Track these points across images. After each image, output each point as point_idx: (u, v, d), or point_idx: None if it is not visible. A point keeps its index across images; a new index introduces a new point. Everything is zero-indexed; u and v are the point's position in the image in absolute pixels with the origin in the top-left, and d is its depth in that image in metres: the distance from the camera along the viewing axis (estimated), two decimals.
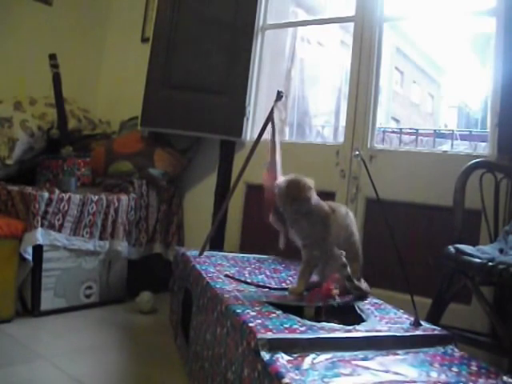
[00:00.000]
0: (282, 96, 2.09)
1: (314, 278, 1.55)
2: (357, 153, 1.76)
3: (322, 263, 1.51)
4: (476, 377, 0.99)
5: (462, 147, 4.76)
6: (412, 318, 1.30)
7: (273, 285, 1.67)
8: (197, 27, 2.69)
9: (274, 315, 1.26)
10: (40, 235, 2.13)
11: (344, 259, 1.43)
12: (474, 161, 1.83)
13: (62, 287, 2.26)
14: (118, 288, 2.51)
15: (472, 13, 2.49)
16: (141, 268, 2.62)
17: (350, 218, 1.60)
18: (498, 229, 1.82)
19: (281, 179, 1.57)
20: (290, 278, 1.73)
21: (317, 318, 1.37)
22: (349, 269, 1.44)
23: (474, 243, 1.75)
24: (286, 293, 1.52)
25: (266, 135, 2.05)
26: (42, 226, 2.14)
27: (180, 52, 2.72)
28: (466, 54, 11.69)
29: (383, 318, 1.34)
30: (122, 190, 2.58)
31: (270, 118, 2.02)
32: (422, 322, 1.28)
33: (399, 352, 1.10)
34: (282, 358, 1.00)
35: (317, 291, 1.47)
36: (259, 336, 1.05)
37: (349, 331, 1.18)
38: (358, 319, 1.34)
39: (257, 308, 1.31)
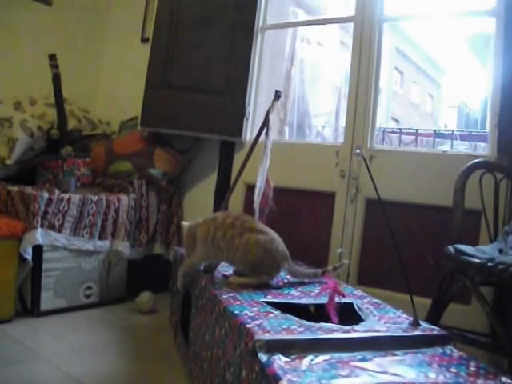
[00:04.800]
0: (279, 96, 2.10)
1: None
2: (358, 151, 1.77)
3: None
4: (475, 377, 0.99)
5: (462, 147, 4.74)
6: (411, 318, 1.30)
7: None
8: (196, 27, 2.69)
9: (272, 315, 1.26)
10: (40, 235, 2.13)
11: None
12: (474, 161, 1.83)
13: (62, 287, 2.27)
14: (118, 288, 2.51)
15: (472, 13, 2.49)
16: (141, 268, 2.62)
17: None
18: (497, 229, 1.82)
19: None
20: (288, 277, 1.72)
21: (318, 316, 1.37)
22: None
23: (474, 243, 1.75)
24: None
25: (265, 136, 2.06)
26: (41, 226, 2.14)
27: (180, 52, 2.72)
28: (465, 54, 11.68)
29: (382, 317, 1.34)
30: (121, 190, 2.58)
31: (267, 119, 2.04)
32: (421, 322, 1.28)
33: (398, 352, 1.10)
34: (280, 360, 0.99)
35: (326, 287, 1.48)
36: (257, 337, 1.05)
37: (347, 331, 1.17)
38: (357, 319, 1.34)
39: (255, 308, 1.31)
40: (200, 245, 1.68)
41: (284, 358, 1.01)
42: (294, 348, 1.05)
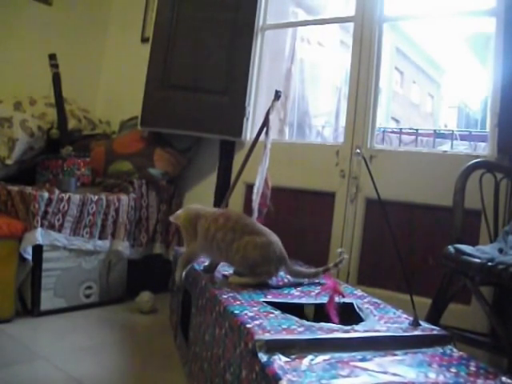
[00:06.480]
0: (279, 96, 2.11)
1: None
2: (358, 151, 1.77)
3: None
4: (475, 377, 0.99)
5: (462, 147, 4.75)
6: (411, 318, 1.30)
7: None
8: (197, 27, 2.69)
9: (272, 315, 1.26)
10: (40, 235, 2.13)
11: None
12: (474, 161, 1.83)
13: (62, 287, 2.27)
14: (118, 288, 2.51)
15: (472, 13, 2.49)
16: (141, 268, 2.62)
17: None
18: (497, 229, 1.82)
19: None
20: (289, 277, 1.72)
21: (318, 316, 1.37)
22: None
23: (474, 243, 1.75)
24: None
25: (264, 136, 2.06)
26: (41, 226, 2.14)
27: (180, 52, 2.72)
28: (465, 54, 11.69)
29: (382, 317, 1.33)
30: (121, 189, 2.58)
31: (267, 119, 2.04)
32: (421, 322, 1.28)
33: (398, 352, 1.10)
34: (280, 360, 0.99)
35: (326, 287, 1.48)
36: (257, 337, 1.05)
37: (347, 331, 1.17)
38: (357, 319, 1.34)
39: (255, 308, 1.31)
40: (200, 238, 1.70)
41: (284, 358, 1.00)
42: (294, 348, 1.04)
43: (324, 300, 1.41)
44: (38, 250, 2.16)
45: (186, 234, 1.77)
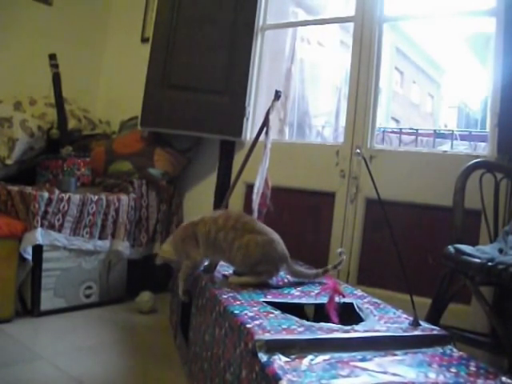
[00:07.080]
0: (280, 96, 2.11)
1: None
2: (358, 151, 1.77)
3: None
4: (475, 377, 0.99)
5: (462, 147, 4.75)
6: (411, 318, 1.30)
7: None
8: (197, 27, 2.69)
9: (272, 315, 1.26)
10: (40, 235, 2.13)
11: None
12: (474, 161, 1.83)
13: (62, 287, 2.27)
14: (118, 288, 2.51)
15: (472, 13, 2.49)
16: (141, 268, 2.62)
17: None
18: (497, 229, 1.82)
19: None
20: (289, 277, 1.72)
21: (318, 316, 1.37)
22: None
23: (474, 243, 1.75)
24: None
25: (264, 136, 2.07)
26: (41, 226, 2.14)
27: (180, 52, 2.72)
28: (465, 54, 11.69)
29: (382, 317, 1.34)
30: (121, 189, 2.58)
31: (267, 119, 2.04)
32: (421, 322, 1.28)
33: (397, 352, 1.10)
34: (280, 360, 0.99)
35: (326, 287, 1.48)
36: (257, 337, 1.05)
37: (347, 331, 1.17)
38: (357, 319, 1.34)
39: (255, 308, 1.31)
40: (202, 244, 1.67)
41: (284, 358, 1.01)
42: (294, 348, 1.05)
43: (324, 300, 1.41)
44: (38, 249, 2.16)
45: (183, 247, 1.70)
